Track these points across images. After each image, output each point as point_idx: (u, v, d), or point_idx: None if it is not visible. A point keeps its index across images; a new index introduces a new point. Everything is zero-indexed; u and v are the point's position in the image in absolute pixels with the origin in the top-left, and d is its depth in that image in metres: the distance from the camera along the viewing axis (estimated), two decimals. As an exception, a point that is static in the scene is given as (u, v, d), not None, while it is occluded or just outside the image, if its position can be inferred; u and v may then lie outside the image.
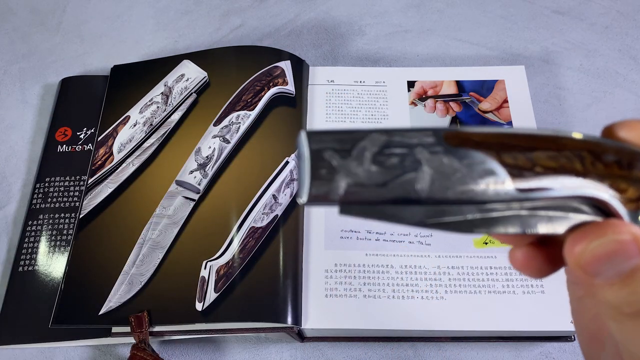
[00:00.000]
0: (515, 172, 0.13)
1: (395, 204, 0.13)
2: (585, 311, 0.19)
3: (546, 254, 0.17)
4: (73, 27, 0.55)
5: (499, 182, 0.13)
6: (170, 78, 0.47)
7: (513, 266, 0.17)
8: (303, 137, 0.13)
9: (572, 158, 0.13)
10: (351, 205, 0.13)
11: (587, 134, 0.14)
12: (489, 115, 0.45)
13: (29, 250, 0.41)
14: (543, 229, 0.14)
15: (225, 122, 0.44)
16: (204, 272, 0.38)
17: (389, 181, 0.13)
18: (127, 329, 0.36)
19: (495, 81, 0.47)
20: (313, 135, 0.13)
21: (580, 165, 0.13)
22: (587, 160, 0.13)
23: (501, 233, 0.14)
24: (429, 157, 0.13)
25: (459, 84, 0.47)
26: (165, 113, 0.45)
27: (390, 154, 0.13)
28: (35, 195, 0.44)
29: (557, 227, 0.14)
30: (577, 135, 0.14)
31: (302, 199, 0.13)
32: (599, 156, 0.13)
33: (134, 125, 0.45)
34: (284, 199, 0.40)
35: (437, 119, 0.45)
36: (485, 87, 0.47)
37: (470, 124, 0.45)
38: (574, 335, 0.37)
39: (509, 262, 0.17)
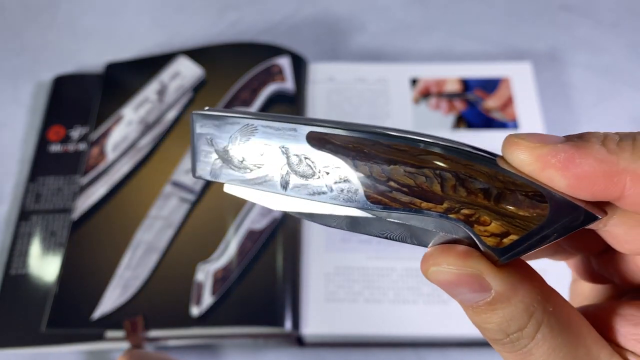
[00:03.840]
0: (369, 182, 0.12)
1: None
2: None
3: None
4: (67, 23, 0.54)
5: (351, 191, 0.13)
6: (165, 75, 0.46)
7: None
8: (191, 119, 0.15)
9: (432, 178, 0.12)
10: (232, 185, 0.15)
11: (458, 147, 0.12)
12: (494, 114, 0.44)
13: (21, 253, 0.40)
14: (406, 240, 0.14)
15: (222, 120, 0.43)
16: (200, 276, 0.37)
17: (256, 171, 0.14)
18: (122, 333, 0.36)
19: (501, 78, 0.46)
20: (199, 118, 0.14)
21: (439, 188, 0.12)
22: (448, 183, 0.12)
23: (366, 234, 0.14)
24: (290, 157, 0.13)
25: (463, 81, 0.46)
26: (161, 111, 0.44)
27: (259, 147, 0.14)
28: (27, 196, 0.43)
29: (421, 240, 0.13)
30: (443, 150, 0.12)
31: (191, 175, 0.15)
32: (464, 181, 0.12)
33: (129, 124, 0.44)
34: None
35: (440, 117, 0.44)
36: (491, 84, 0.45)
37: (476, 122, 0.44)
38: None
39: None
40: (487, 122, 0.44)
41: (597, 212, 0.12)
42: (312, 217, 0.14)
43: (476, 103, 0.45)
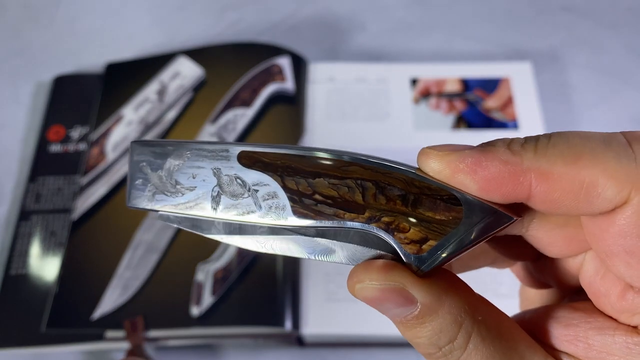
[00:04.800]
0: (295, 197, 0.13)
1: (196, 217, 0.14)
2: None
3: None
4: (67, 23, 0.54)
5: (279, 207, 0.13)
6: (165, 75, 0.46)
7: None
8: (130, 148, 0.15)
9: (354, 188, 0.12)
10: (165, 212, 0.15)
11: (378, 161, 0.13)
12: (494, 114, 0.44)
13: (21, 253, 0.40)
14: (330, 257, 0.14)
15: (222, 120, 0.43)
16: (200, 276, 0.37)
17: (189, 194, 0.14)
18: (122, 333, 0.36)
19: (501, 78, 0.46)
20: (136, 146, 0.15)
21: (361, 197, 0.12)
22: (369, 192, 0.12)
23: (290, 254, 0.15)
24: (221, 177, 0.14)
25: (463, 81, 0.46)
26: (161, 111, 0.44)
27: (192, 170, 0.14)
28: (27, 196, 0.43)
29: (349, 258, 0.14)
30: (360, 163, 0.13)
31: (127, 204, 0.15)
32: (383, 189, 0.12)
33: (129, 124, 0.44)
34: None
35: (440, 117, 0.44)
36: (491, 84, 0.45)
37: (476, 122, 0.44)
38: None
39: None
40: (487, 122, 0.44)
41: (511, 214, 0.13)
42: (245, 243, 0.15)
43: (476, 103, 0.45)
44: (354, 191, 0.12)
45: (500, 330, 0.14)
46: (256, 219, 0.13)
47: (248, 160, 0.13)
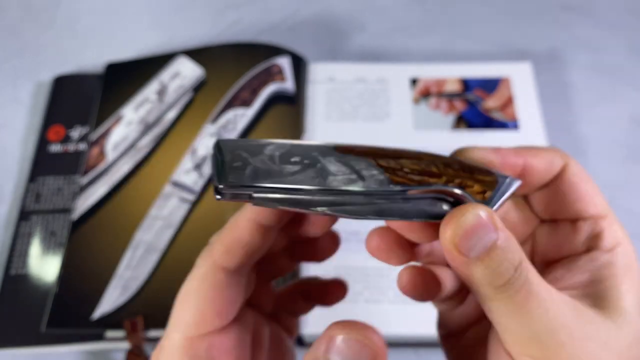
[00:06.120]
0: (390, 171, 0.17)
1: (298, 192, 0.16)
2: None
3: (430, 278, 0.20)
4: (67, 23, 0.54)
5: (379, 177, 0.17)
6: (165, 75, 0.46)
7: (399, 287, 0.20)
8: (217, 144, 0.17)
9: (429, 164, 0.17)
10: (265, 193, 0.16)
11: (438, 153, 0.18)
12: (494, 114, 0.44)
13: (21, 253, 0.40)
14: (420, 216, 0.17)
15: (222, 120, 0.43)
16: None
17: (295, 172, 0.16)
18: (122, 333, 0.36)
19: (501, 78, 0.46)
20: (225, 143, 0.17)
21: (436, 169, 0.17)
22: (440, 167, 0.17)
23: (391, 220, 0.18)
24: (324, 159, 0.17)
25: (463, 81, 0.46)
26: (161, 111, 0.44)
27: (294, 155, 0.17)
28: (27, 196, 0.43)
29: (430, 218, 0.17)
30: (432, 154, 0.17)
31: (220, 183, 0.16)
32: (448, 165, 0.18)
33: (129, 124, 0.44)
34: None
35: (440, 117, 0.44)
36: (491, 84, 0.45)
37: (476, 122, 0.44)
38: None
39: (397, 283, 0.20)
40: (487, 122, 0.44)
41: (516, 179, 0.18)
42: (346, 211, 0.17)
43: (476, 103, 0.45)
44: (430, 165, 0.17)
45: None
46: (360, 188, 0.16)
47: (344, 149, 0.17)
